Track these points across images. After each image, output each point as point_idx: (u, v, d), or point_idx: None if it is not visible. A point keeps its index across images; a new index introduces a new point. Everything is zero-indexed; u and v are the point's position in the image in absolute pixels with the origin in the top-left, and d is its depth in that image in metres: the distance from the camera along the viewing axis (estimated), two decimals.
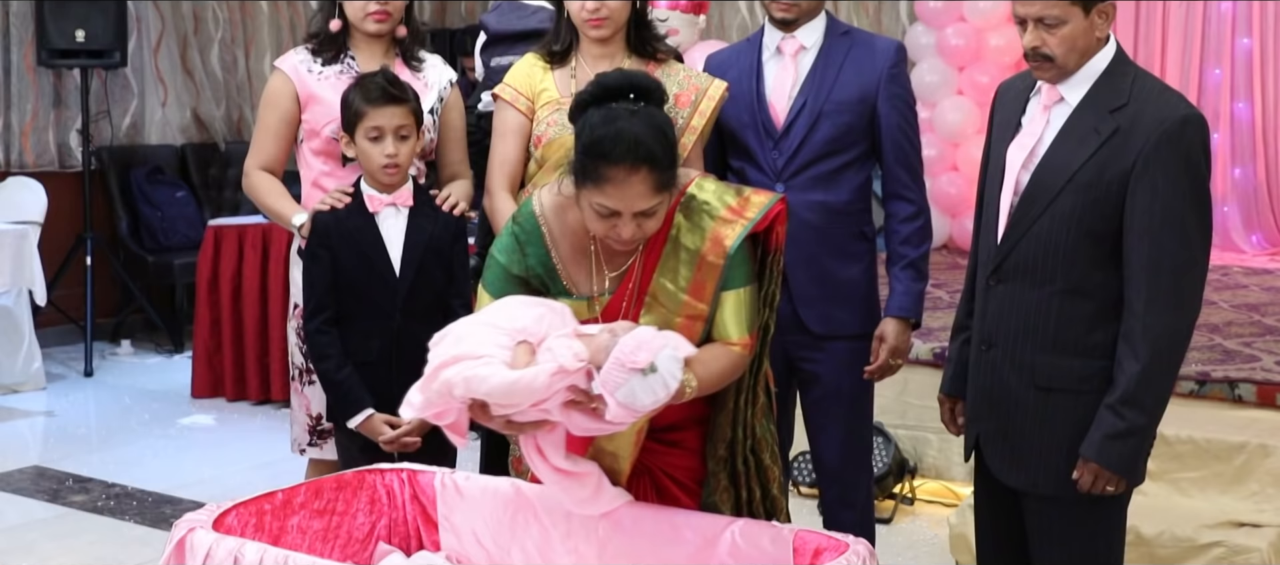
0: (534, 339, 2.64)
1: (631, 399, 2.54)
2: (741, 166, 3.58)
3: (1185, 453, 4.46)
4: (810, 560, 2.75)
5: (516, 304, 2.75)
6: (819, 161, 3.50)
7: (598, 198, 2.70)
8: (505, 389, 2.54)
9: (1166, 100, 2.83)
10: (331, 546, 3.06)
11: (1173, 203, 2.75)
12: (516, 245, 2.88)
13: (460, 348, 2.62)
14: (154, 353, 8.13)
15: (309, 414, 3.87)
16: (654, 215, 2.74)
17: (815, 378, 3.57)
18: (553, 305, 2.77)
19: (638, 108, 2.71)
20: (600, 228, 2.75)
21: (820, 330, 3.52)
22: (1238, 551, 4.08)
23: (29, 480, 5.56)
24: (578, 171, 2.73)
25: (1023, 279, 2.90)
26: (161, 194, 8.30)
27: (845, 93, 3.50)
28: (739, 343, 2.84)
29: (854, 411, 3.60)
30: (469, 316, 2.76)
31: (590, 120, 2.73)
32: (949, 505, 5.02)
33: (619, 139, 2.66)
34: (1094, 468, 2.80)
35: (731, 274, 2.82)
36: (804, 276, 3.49)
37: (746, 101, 3.56)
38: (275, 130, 3.86)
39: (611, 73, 2.82)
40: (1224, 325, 5.72)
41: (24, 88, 8.03)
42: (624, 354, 2.53)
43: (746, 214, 2.80)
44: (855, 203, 3.55)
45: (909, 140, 3.55)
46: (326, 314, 3.62)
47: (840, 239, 3.53)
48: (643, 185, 2.67)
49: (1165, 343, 2.76)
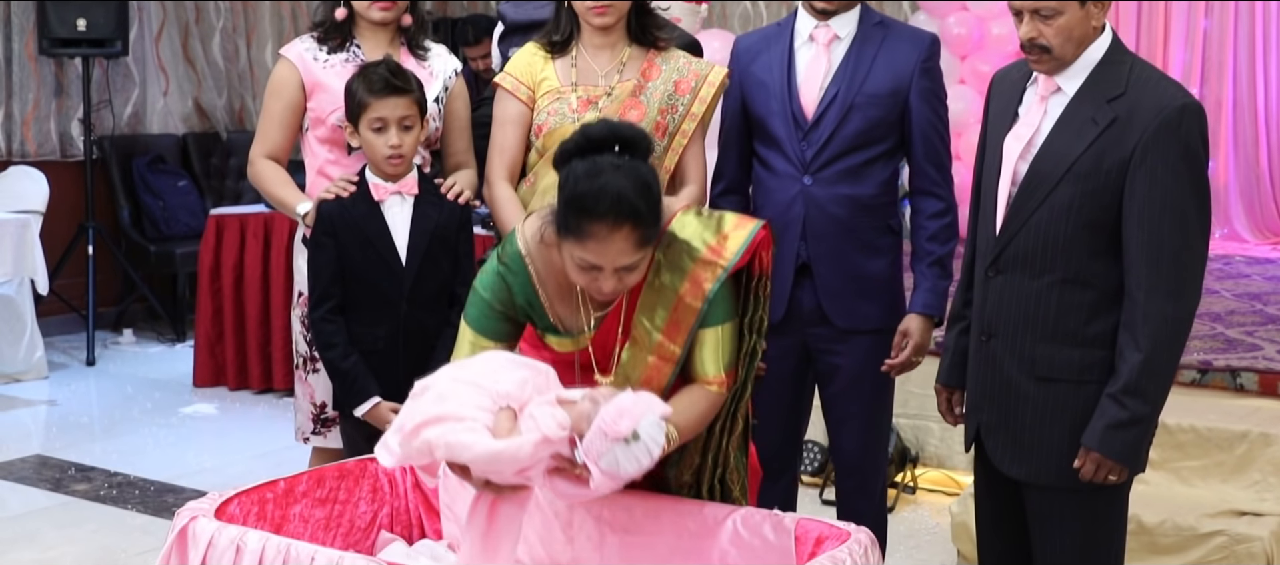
0: (516, 404, 2.62)
1: (615, 467, 2.54)
2: (767, 154, 3.53)
3: (1187, 442, 4.46)
4: (812, 549, 2.75)
5: (500, 364, 2.73)
6: (848, 154, 3.45)
7: (579, 251, 2.66)
8: (489, 457, 2.52)
9: (1164, 89, 2.82)
10: (334, 535, 3.07)
11: (1172, 191, 2.75)
12: (502, 284, 2.86)
13: (443, 408, 2.59)
14: (156, 342, 8.13)
15: (313, 402, 3.87)
16: (636, 269, 2.70)
17: (837, 370, 3.53)
18: (536, 366, 2.75)
19: (622, 161, 2.66)
20: (581, 279, 2.72)
21: (844, 324, 3.48)
22: (1239, 540, 4.08)
23: (31, 469, 5.57)
24: (560, 224, 2.68)
25: (1022, 269, 2.90)
26: (163, 183, 8.30)
27: (877, 85, 3.44)
28: (716, 381, 2.82)
29: (875, 404, 3.58)
30: (450, 370, 2.72)
31: (574, 172, 2.67)
32: (951, 494, 5.03)
33: (602, 195, 2.60)
34: (1096, 457, 2.80)
35: (711, 313, 2.79)
36: (830, 270, 3.46)
37: (776, 89, 3.50)
38: (281, 118, 3.85)
39: (597, 124, 2.75)
40: (1226, 314, 5.73)
41: (25, 77, 8.03)
42: (607, 423, 2.52)
43: (725, 255, 2.76)
44: (882, 196, 3.50)
45: (940, 136, 3.50)
46: (332, 302, 3.62)
47: (867, 233, 3.48)
48: (625, 242, 2.63)
49: (1166, 331, 2.76)
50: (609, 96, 3.58)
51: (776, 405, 3.50)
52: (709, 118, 3.68)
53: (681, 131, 3.60)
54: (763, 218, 3.46)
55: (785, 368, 3.51)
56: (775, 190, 3.49)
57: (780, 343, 3.49)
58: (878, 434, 3.62)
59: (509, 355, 2.79)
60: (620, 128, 2.72)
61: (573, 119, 3.56)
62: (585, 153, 2.68)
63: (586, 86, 3.59)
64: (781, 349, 3.49)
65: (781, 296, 3.47)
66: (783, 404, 3.54)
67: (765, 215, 3.49)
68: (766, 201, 3.51)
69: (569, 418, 2.57)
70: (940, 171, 3.50)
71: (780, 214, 3.46)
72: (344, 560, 2.53)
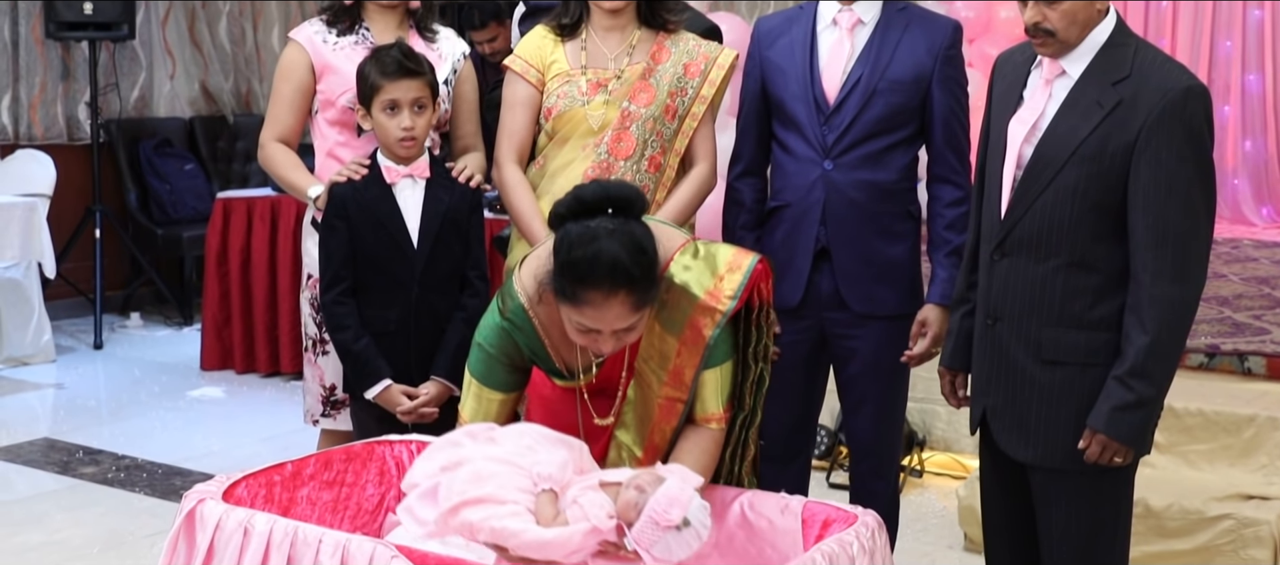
0: (557, 487, 2.64)
1: (668, 553, 2.56)
2: (787, 137, 3.50)
3: (1194, 425, 4.46)
4: (819, 531, 2.75)
5: (535, 440, 2.74)
6: (869, 140, 3.42)
7: (576, 316, 2.66)
8: (539, 546, 2.53)
9: (1169, 71, 2.81)
10: (341, 517, 3.07)
11: (1177, 174, 2.75)
12: (507, 338, 2.86)
13: (482, 489, 2.60)
14: (163, 325, 8.14)
15: (322, 385, 3.88)
16: (635, 329, 2.70)
17: (853, 354, 3.51)
18: (571, 443, 2.77)
19: (616, 223, 2.63)
20: (581, 340, 2.72)
21: (862, 309, 3.46)
22: (1246, 524, 4.08)
23: (39, 452, 5.58)
24: (556, 288, 2.67)
25: (1027, 253, 2.89)
26: (170, 167, 8.31)
27: (900, 71, 3.41)
28: (716, 418, 2.83)
29: (891, 388, 3.56)
30: (481, 446, 2.73)
31: (568, 237, 2.65)
32: (958, 478, 5.03)
33: (596, 262, 2.59)
34: (1102, 439, 2.80)
35: (712, 355, 2.80)
36: (849, 255, 3.44)
37: (798, 73, 3.47)
38: (290, 101, 3.86)
39: (589, 186, 2.72)
40: (1234, 298, 5.72)
41: (32, 60, 8.03)
42: (657, 513, 2.54)
43: (722, 301, 2.75)
44: (902, 182, 3.47)
45: (960, 124, 3.48)
46: (343, 285, 3.62)
47: (886, 218, 3.46)
48: (621, 307, 2.63)
49: (1172, 314, 2.76)
50: (618, 79, 3.58)
51: (790, 389, 3.49)
52: (719, 100, 3.67)
53: (691, 114, 3.60)
54: (783, 202, 3.48)
55: (800, 352, 3.50)
56: (795, 174, 3.47)
57: (796, 326, 3.49)
58: (893, 418, 3.61)
59: (542, 430, 2.80)
60: (612, 189, 2.69)
61: (582, 102, 3.56)
62: (578, 216, 2.66)
63: (596, 69, 3.59)
64: (797, 333, 3.49)
65: (799, 280, 3.46)
66: (796, 388, 3.54)
67: (784, 199, 3.48)
68: (786, 185, 3.50)
69: (615, 504, 2.59)
70: (960, 159, 3.47)
71: (800, 198, 3.45)
72: (351, 543, 2.53)
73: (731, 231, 3.59)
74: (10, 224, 6.71)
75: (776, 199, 3.52)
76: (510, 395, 2.94)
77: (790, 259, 3.47)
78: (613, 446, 2.92)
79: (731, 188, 3.62)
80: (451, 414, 3.60)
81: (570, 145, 3.59)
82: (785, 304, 3.48)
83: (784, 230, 3.49)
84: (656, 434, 2.86)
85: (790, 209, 3.47)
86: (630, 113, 3.56)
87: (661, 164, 3.61)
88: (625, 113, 3.56)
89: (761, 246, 3.52)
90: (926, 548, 4.53)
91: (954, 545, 4.54)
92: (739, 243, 3.54)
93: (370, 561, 2.48)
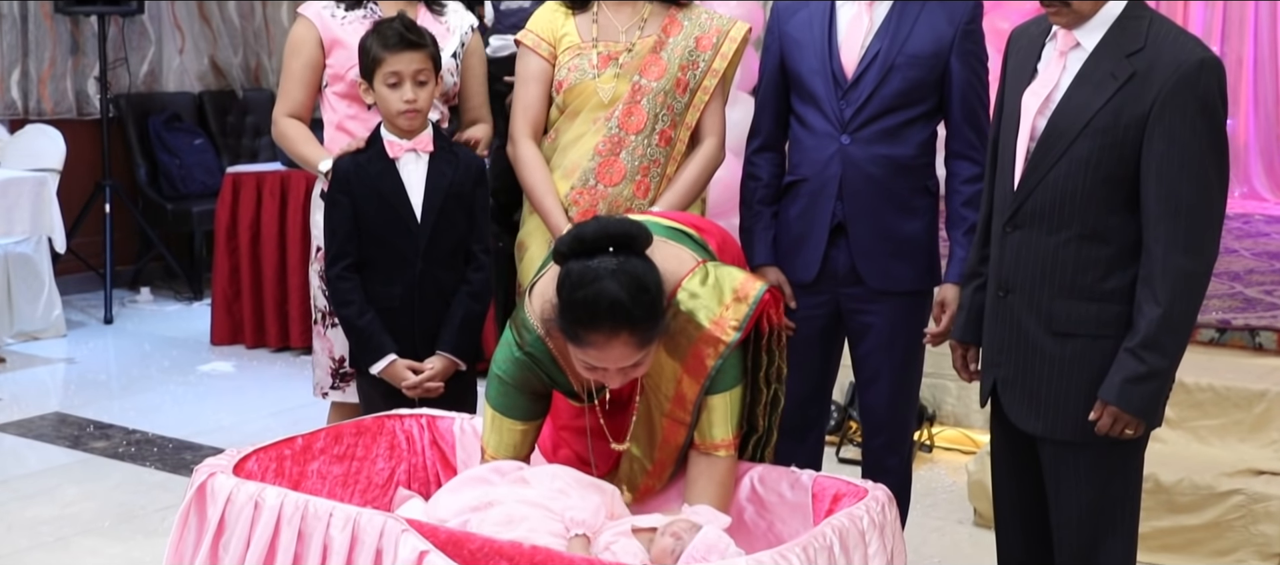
0: (590, 532, 2.63)
1: None
2: (805, 112, 3.48)
3: (1205, 401, 4.45)
4: (830, 506, 2.75)
5: (566, 483, 2.73)
6: (887, 115, 3.39)
7: (581, 355, 2.64)
8: None
9: (1183, 44, 2.80)
10: (351, 491, 3.08)
11: (1190, 146, 2.73)
12: (525, 371, 2.84)
13: (514, 533, 2.58)
14: (173, 300, 8.15)
15: (331, 357, 3.88)
16: (641, 364, 2.67)
17: (869, 329, 3.50)
18: (603, 487, 2.77)
19: (617, 262, 2.59)
20: (588, 375, 2.70)
21: (878, 285, 3.44)
22: (1257, 499, 4.07)
23: (50, 426, 5.60)
24: (560, 327, 2.64)
25: (1039, 225, 2.88)
26: (179, 141, 8.31)
27: (919, 46, 3.38)
28: (723, 445, 2.80)
29: (906, 364, 3.54)
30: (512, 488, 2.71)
31: (570, 277, 2.61)
32: (967, 453, 5.03)
33: (597, 304, 2.55)
34: (1113, 411, 2.79)
35: (718, 380, 2.78)
36: (866, 231, 3.42)
37: (816, 47, 3.44)
38: (301, 76, 3.86)
39: (589, 225, 2.67)
40: (1245, 273, 5.70)
41: (41, 35, 8.02)
42: (696, 562, 2.52)
43: (727, 331, 2.73)
44: (920, 158, 3.44)
45: (980, 99, 3.44)
46: (348, 260, 3.62)
47: (904, 194, 3.43)
48: (624, 347, 2.60)
49: (1184, 286, 2.75)
50: (629, 52, 3.57)
51: (805, 364, 3.48)
52: (731, 74, 3.66)
53: (703, 88, 3.59)
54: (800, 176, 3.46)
55: (815, 326, 3.50)
56: (812, 149, 3.45)
57: (812, 301, 3.48)
58: (908, 393, 3.60)
59: (575, 473, 2.80)
60: (611, 227, 2.65)
61: (593, 75, 3.55)
62: (578, 255, 2.62)
63: (607, 42, 3.58)
64: (813, 308, 3.48)
65: (815, 255, 3.45)
66: (811, 363, 3.53)
67: (801, 173, 3.47)
68: (803, 160, 3.48)
69: (648, 551, 2.58)
70: (979, 135, 3.43)
71: (817, 173, 3.43)
72: (361, 517, 2.53)
73: (749, 206, 3.58)
74: (20, 199, 6.72)
75: (794, 173, 3.51)
76: (532, 423, 2.93)
77: (807, 233, 3.46)
78: (624, 459, 2.92)
79: (749, 162, 3.60)
80: (457, 389, 3.62)
81: (581, 118, 3.59)
82: (801, 279, 3.47)
83: (801, 205, 3.47)
84: (662, 451, 2.86)
85: (807, 183, 3.45)
86: (641, 86, 3.55)
87: (672, 138, 3.60)
88: (636, 86, 3.55)
89: (778, 221, 3.52)
90: (936, 522, 4.53)
91: (963, 520, 4.54)
92: (756, 217, 3.54)
93: (381, 535, 2.49)
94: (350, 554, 2.52)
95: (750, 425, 2.93)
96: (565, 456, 3.03)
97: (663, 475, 2.89)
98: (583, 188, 3.57)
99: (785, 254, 3.51)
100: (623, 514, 2.76)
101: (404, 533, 2.47)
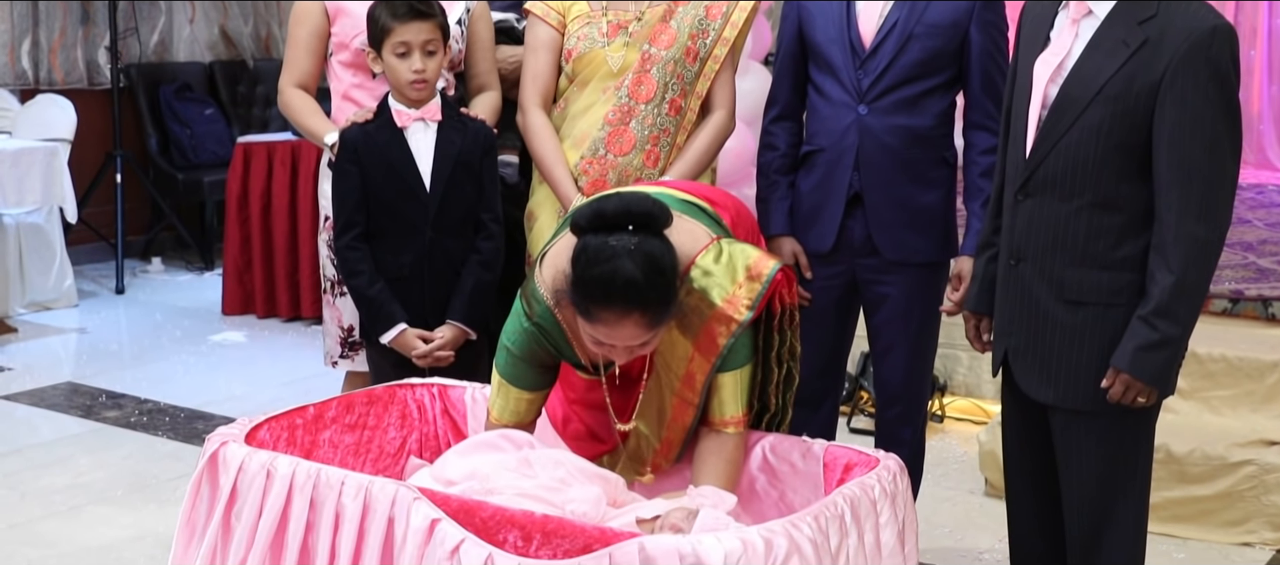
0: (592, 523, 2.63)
1: None
2: (823, 81, 3.46)
3: (1217, 371, 4.44)
4: (841, 475, 2.75)
5: (569, 473, 2.73)
6: (905, 85, 3.37)
7: (590, 330, 2.62)
8: None
9: (1195, 11, 2.78)
10: (363, 460, 3.08)
11: (1202, 114, 2.72)
12: (534, 342, 2.83)
13: None
14: (185, 270, 8.17)
15: (340, 326, 3.88)
16: (649, 343, 2.66)
17: (884, 300, 3.49)
18: (607, 476, 2.77)
19: (635, 241, 2.56)
20: (596, 349, 2.69)
21: (894, 256, 3.43)
22: (1269, 470, 4.07)
23: (62, 396, 5.61)
24: (571, 300, 2.62)
25: (1051, 193, 2.87)
26: (190, 111, 8.30)
27: (938, 15, 3.36)
28: (733, 422, 2.80)
29: (921, 335, 3.53)
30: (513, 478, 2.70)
31: (586, 251, 2.58)
32: (979, 423, 5.03)
33: (611, 283, 2.53)
34: (1126, 379, 2.78)
35: (729, 358, 2.77)
36: (882, 201, 3.40)
37: (835, 16, 3.42)
38: (307, 45, 3.85)
39: (611, 199, 2.65)
40: (1258, 243, 5.68)
41: (52, 5, 8.01)
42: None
43: (739, 310, 2.72)
44: (938, 128, 3.42)
45: (1000, 69, 3.40)
46: (357, 230, 3.62)
47: (921, 164, 3.41)
48: (635, 326, 2.58)
49: (1197, 253, 2.74)
50: (639, 21, 3.56)
51: (820, 334, 3.48)
52: (741, 43, 3.65)
53: (713, 57, 3.58)
54: (817, 146, 3.45)
55: (831, 296, 3.49)
56: (830, 118, 3.43)
57: (828, 271, 3.48)
58: (923, 365, 3.59)
59: (578, 461, 2.79)
60: (634, 204, 2.62)
61: (602, 44, 3.54)
62: (598, 230, 2.60)
63: (617, 11, 3.57)
64: (829, 277, 3.48)
65: (832, 225, 3.44)
66: (826, 332, 3.52)
67: (818, 143, 3.45)
68: (820, 130, 3.46)
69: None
70: (997, 106, 3.40)
71: (834, 143, 3.41)
72: (373, 485, 2.54)
73: (765, 175, 3.57)
74: (31, 169, 6.72)
75: (810, 143, 3.49)
76: (538, 393, 2.93)
77: (823, 204, 3.45)
78: (632, 435, 2.92)
79: (766, 131, 3.59)
80: (467, 358, 3.62)
81: (591, 88, 3.58)
82: (817, 249, 3.46)
83: (817, 175, 3.46)
84: (671, 430, 2.86)
85: (824, 153, 3.44)
86: (651, 55, 3.54)
87: (682, 107, 3.59)
88: (646, 55, 3.54)
89: (795, 191, 3.50)
90: (947, 492, 4.53)
91: (975, 490, 4.54)
92: (773, 187, 3.53)
93: (392, 503, 2.49)
94: (362, 522, 2.52)
95: (763, 403, 2.92)
96: (575, 430, 3.03)
97: (671, 453, 2.89)
98: (592, 157, 3.56)
99: (801, 224, 3.50)
100: (626, 502, 2.76)
101: (416, 501, 2.47)
